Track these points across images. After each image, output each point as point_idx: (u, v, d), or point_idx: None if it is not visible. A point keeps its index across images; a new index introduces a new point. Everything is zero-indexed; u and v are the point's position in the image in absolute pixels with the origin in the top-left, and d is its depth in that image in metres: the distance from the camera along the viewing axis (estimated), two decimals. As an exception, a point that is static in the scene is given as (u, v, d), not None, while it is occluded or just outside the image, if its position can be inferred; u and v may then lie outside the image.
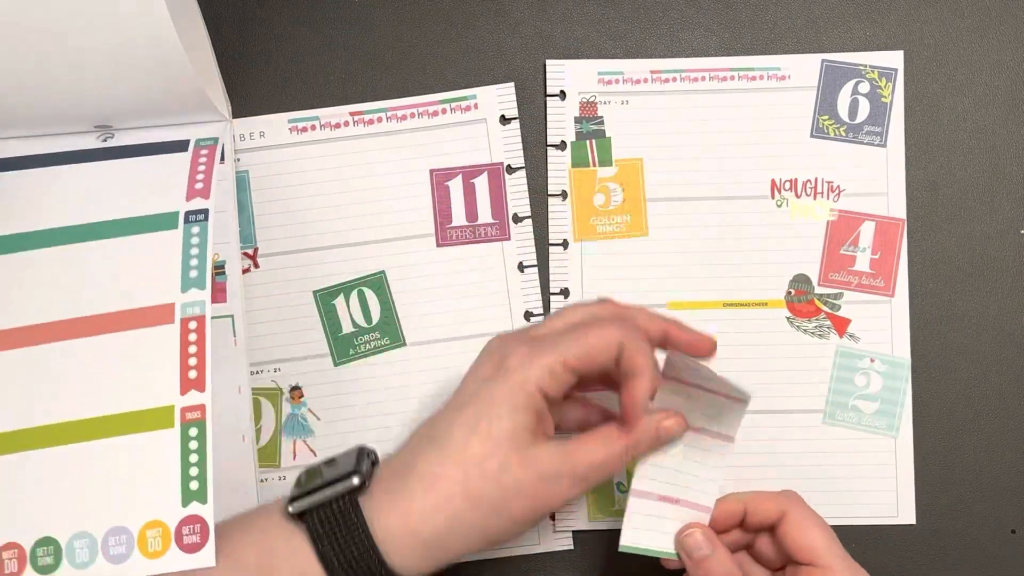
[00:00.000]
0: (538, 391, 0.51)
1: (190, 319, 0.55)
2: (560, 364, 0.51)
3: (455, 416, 0.52)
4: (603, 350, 0.51)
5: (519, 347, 0.52)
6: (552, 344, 0.52)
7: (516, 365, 0.51)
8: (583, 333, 0.52)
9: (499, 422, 0.50)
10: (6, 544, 0.53)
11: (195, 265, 0.56)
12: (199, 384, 0.54)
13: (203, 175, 0.59)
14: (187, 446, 0.54)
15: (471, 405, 0.51)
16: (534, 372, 0.51)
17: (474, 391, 0.52)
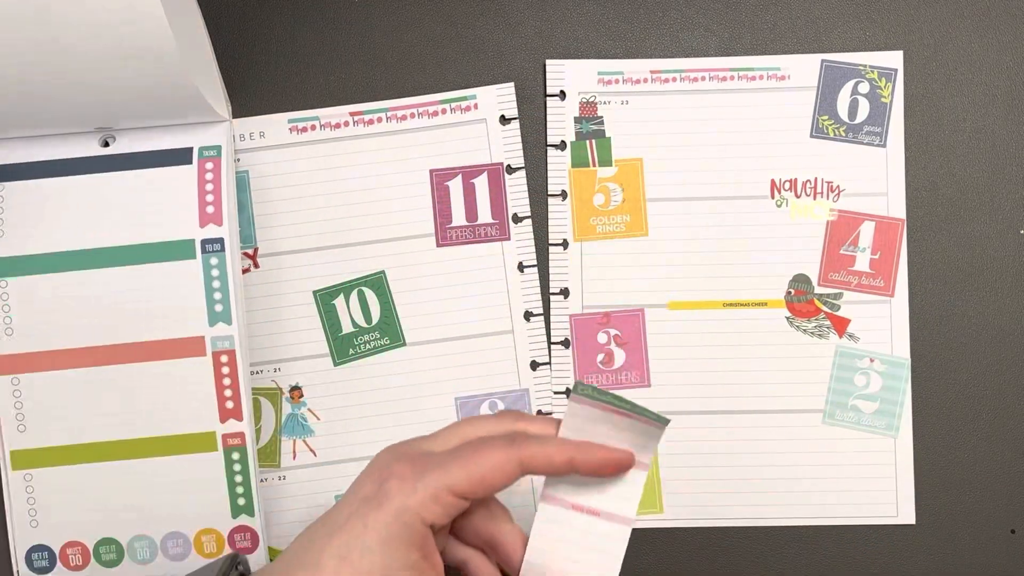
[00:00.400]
0: (419, 522, 0.46)
1: (221, 353, 0.60)
2: (446, 490, 0.46)
3: (325, 543, 0.47)
4: (497, 475, 0.47)
5: (402, 465, 0.47)
6: (439, 466, 0.47)
7: (395, 490, 0.46)
8: (474, 455, 0.47)
9: (371, 556, 0.46)
10: (69, 542, 0.61)
11: (219, 299, 0.60)
12: (237, 414, 0.60)
13: (212, 195, 0.60)
14: (231, 468, 0.60)
15: (344, 531, 0.47)
16: (415, 500, 0.46)
17: (350, 514, 0.47)
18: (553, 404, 0.63)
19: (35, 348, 0.60)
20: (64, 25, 0.53)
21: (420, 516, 0.46)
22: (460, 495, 0.47)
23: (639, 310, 0.63)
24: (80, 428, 0.60)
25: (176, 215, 0.60)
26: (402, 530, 0.46)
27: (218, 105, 0.61)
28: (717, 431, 0.63)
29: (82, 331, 0.60)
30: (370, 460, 0.50)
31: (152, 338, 0.60)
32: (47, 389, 0.60)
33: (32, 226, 0.61)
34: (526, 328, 0.63)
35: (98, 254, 0.60)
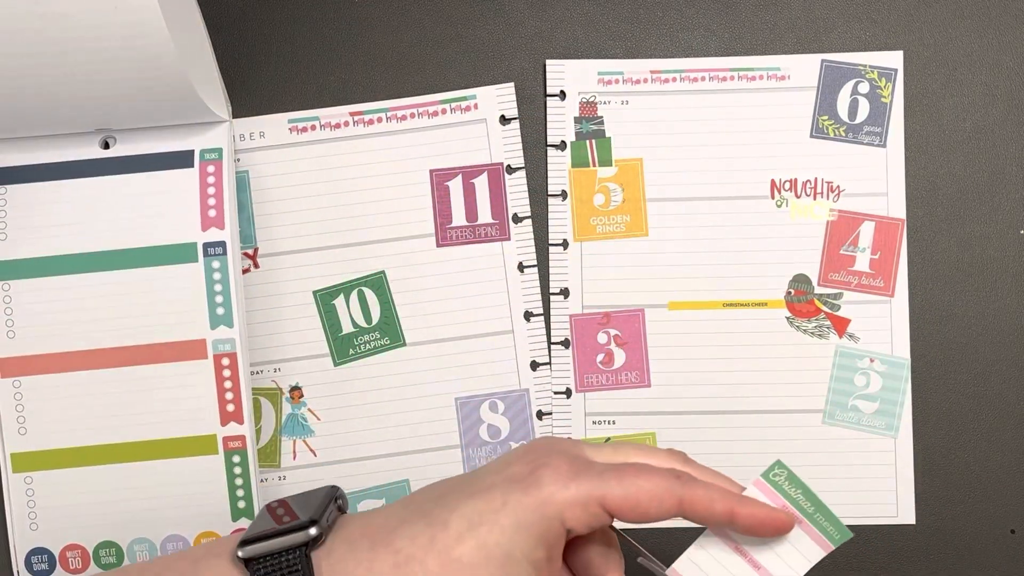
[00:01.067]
0: (559, 520, 0.44)
1: (223, 356, 0.60)
2: (597, 500, 0.44)
3: (458, 502, 0.45)
4: (652, 504, 0.45)
5: (561, 460, 0.45)
6: (598, 474, 0.45)
7: (548, 479, 0.44)
8: (636, 476, 0.45)
9: (500, 534, 0.44)
10: (69, 545, 0.61)
11: (220, 302, 0.60)
12: (237, 417, 0.60)
13: (214, 199, 0.61)
14: (232, 471, 0.60)
15: (482, 498, 0.45)
16: (563, 496, 0.44)
17: (492, 484, 0.45)
18: (553, 404, 0.63)
19: (37, 351, 0.60)
20: (61, 25, 0.53)
21: (562, 515, 0.44)
22: (609, 510, 0.45)
23: (639, 310, 0.64)
24: (81, 431, 0.60)
25: (178, 218, 0.60)
26: (539, 521, 0.44)
27: (217, 106, 0.61)
28: (717, 431, 0.63)
29: (84, 334, 0.60)
30: (526, 443, 0.48)
31: (153, 341, 0.60)
32: (48, 392, 0.60)
33: (34, 229, 0.61)
34: (526, 328, 0.63)
35: (100, 257, 0.61)
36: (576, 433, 0.63)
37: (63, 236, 0.61)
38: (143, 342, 0.60)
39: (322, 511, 0.47)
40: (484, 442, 0.63)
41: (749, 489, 0.47)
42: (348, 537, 0.46)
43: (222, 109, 0.62)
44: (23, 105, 0.57)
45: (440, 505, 0.45)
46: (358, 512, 0.48)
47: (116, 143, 0.61)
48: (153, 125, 0.61)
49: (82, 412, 0.60)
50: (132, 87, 0.57)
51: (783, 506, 0.47)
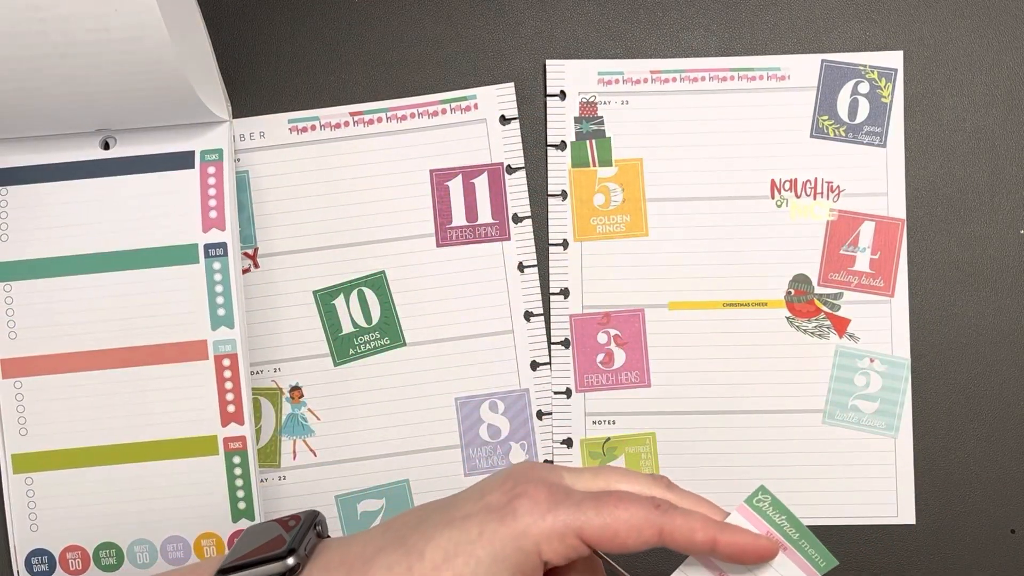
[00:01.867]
0: (536, 552, 0.43)
1: (223, 356, 0.60)
2: (574, 532, 0.44)
3: (434, 532, 0.44)
4: (631, 535, 0.44)
5: (539, 489, 0.44)
6: (575, 505, 0.44)
7: (525, 511, 0.43)
8: (615, 506, 0.44)
9: (476, 566, 0.43)
10: (69, 546, 0.61)
11: (221, 303, 0.60)
12: (238, 417, 0.60)
13: (215, 200, 0.61)
14: (232, 472, 0.60)
15: (458, 528, 0.44)
16: (539, 529, 0.43)
17: (469, 513, 0.44)
18: (553, 404, 0.63)
19: (38, 352, 0.60)
20: (61, 26, 0.53)
21: (539, 547, 0.43)
22: (586, 541, 0.44)
23: (639, 310, 0.64)
24: (81, 432, 0.60)
25: (179, 220, 0.60)
26: (515, 554, 0.43)
27: (217, 106, 0.61)
28: (717, 431, 0.63)
29: (85, 335, 0.60)
30: (505, 468, 0.47)
31: (154, 342, 0.60)
32: (49, 393, 0.60)
33: (35, 230, 0.61)
34: (526, 328, 0.63)
35: (101, 258, 0.61)
36: (576, 433, 0.63)
37: (64, 237, 0.61)
38: (144, 343, 0.60)
39: (300, 539, 0.46)
40: (484, 442, 0.63)
41: (732, 515, 0.46)
42: (326, 566, 0.46)
43: (222, 109, 0.62)
44: (23, 105, 0.57)
45: (417, 533, 0.45)
46: (338, 538, 0.48)
47: (116, 143, 0.61)
48: (153, 125, 0.61)
49: (83, 413, 0.60)
50: (132, 88, 0.57)
51: (767, 532, 0.46)
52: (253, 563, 0.45)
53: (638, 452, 0.63)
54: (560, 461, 0.63)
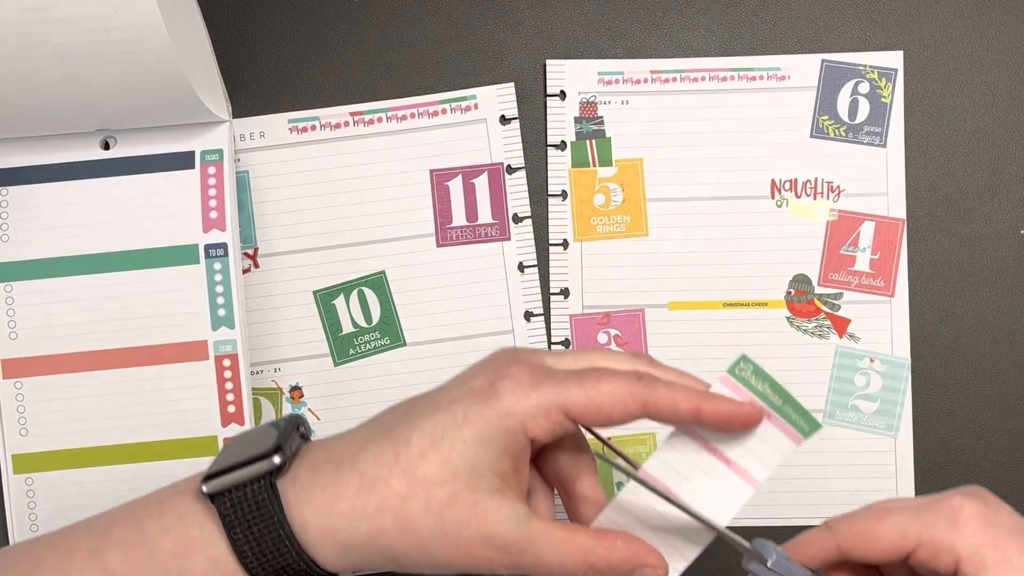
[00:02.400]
0: (522, 430, 0.43)
1: (224, 357, 0.60)
2: (558, 408, 0.43)
3: (420, 420, 0.44)
4: (616, 408, 0.44)
5: (521, 369, 0.44)
6: (558, 382, 0.44)
7: (508, 390, 0.43)
8: (597, 381, 0.44)
9: (463, 448, 0.43)
10: None
11: (222, 304, 0.60)
12: (238, 418, 0.60)
13: (216, 200, 0.61)
14: None
15: (443, 413, 0.44)
16: (523, 406, 0.43)
17: (454, 398, 0.45)
18: (553, 404, 0.63)
19: (38, 352, 0.60)
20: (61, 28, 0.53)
21: (525, 425, 0.43)
22: (572, 416, 0.44)
23: (639, 310, 0.64)
24: (82, 432, 0.61)
25: (179, 220, 0.60)
26: (502, 433, 0.43)
27: (217, 107, 0.61)
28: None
29: (85, 335, 0.60)
30: (487, 355, 0.47)
31: (155, 342, 0.60)
32: (50, 393, 0.60)
33: (36, 230, 0.61)
34: (526, 328, 0.63)
35: (102, 259, 0.61)
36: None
37: (64, 238, 0.61)
38: (144, 343, 0.60)
39: (285, 439, 0.46)
40: (484, 442, 0.63)
41: (715, 386, 0.46)
42: (313, 463, 0.45)
43: (222, 110, 0.62)
44: (24, 106, 0.57)
45: (403, 423, 0.45)
46: (323, 438, 0.47)
47: (116, 144, 0.61)
48: (153, 125, 0.61)
49: (83, 413, 0.60)
50: (132, 88, 0.57)
51: (750, 400, 0.46)
52: (239, 464, 0.45)
53: (638, 452, 0.63)
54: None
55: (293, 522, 0.44)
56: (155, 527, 0.45)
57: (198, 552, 0.44)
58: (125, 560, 0.45)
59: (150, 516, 0.46)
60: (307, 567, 0.44)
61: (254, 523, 0.44)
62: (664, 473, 0.47)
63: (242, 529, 0.44)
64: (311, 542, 0.44)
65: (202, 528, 0.45)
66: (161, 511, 0.46)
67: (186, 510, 0.45)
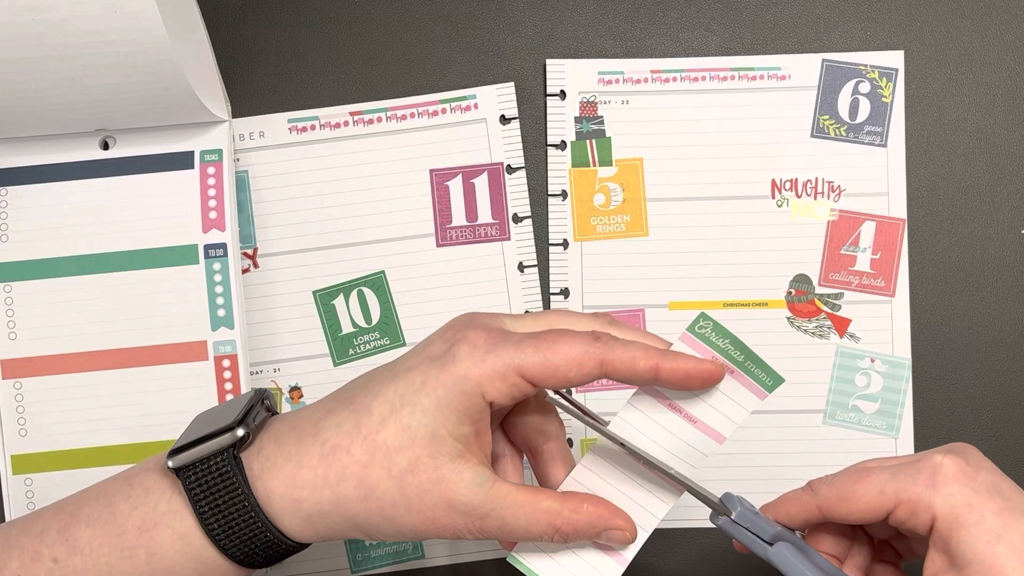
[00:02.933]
0: (479, 394, 0.44)
1: (223, 357, 0.60)
2: (515, 370, 0.44)
3: (381, 388, 0.45)
4: (573, 369, 0.44)
5: (478, 333, 0.45)
6: (515, 345, 0.44)
7: (464, 355, 0.44)
8: (553, 342, 0.44)
9: (422, 415, 0.44)
10: None
11: (221, 304, 0.60)
12: None
13: (215, 201, 0.61)
14: None
15: (402, 380, 0.45)
16: (480, 370, 0.44)
17: (412, 366, 0.45)
18: (553, 404, 0.63)
19: (38, 353, 0.60)
20: (61, 28, 0.53)
21: (482, 389, 0.44)
22: (529, 379, 0.44)
23: (639, 310, 0.63)
24: (81, 433, 0.61)
25: (179, 220, 0.60)
26: (459, 398, 0.44)
27: (217, 107, 0.61)
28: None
29: (85, 336, 0.60)
30: (448, 321, 0.47)
31: (155, 343, 0.60)
32: (49, 394, 0.60)
33: (35, 231, 0.61)
34: (526, 328, 0.63)
35: (101, 259, 0.61)
36: (577, 433, 0.63)
37: (64, 238, 0.61)
38: (144, 344, 0.60)
39: (248, 412, 0.47)
40: (484, 442, 0.63)
41: (675, 344, 0.46)
42: (276, 434, 0.46)
43: (221, 109, 0.62)
44: (23, 106, 0.57)
45: (364, 392, 0.45)
46: (287, 412, 0.48)
47: (116, 144, 0.61)
48: (153, 126, 0.61)
49: (83, 414, 0.60)
50: (131, 88, 0.57)
51: (711, 357, 0.46)
52: (203, 438, 0.45)
53: (638, 452, 0.63)
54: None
55: (258, 493, 0.45)
56: (123, 504, 0.46)
57: (166, 527, 0.45)
58: (94, 536, 0.46)
59: (118, 493, 0.47)
60: (273, 537, 0.45)
61: (219, 496, 0.45)
62: (628, 433, 0.47)
63: (208, 502, 0.45)
64: (276, 512, 0.45)
65: (169, 503, 0.45)
66: (129, 487, 0.47)
67: (152, 485, 0.46)
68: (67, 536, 0.46)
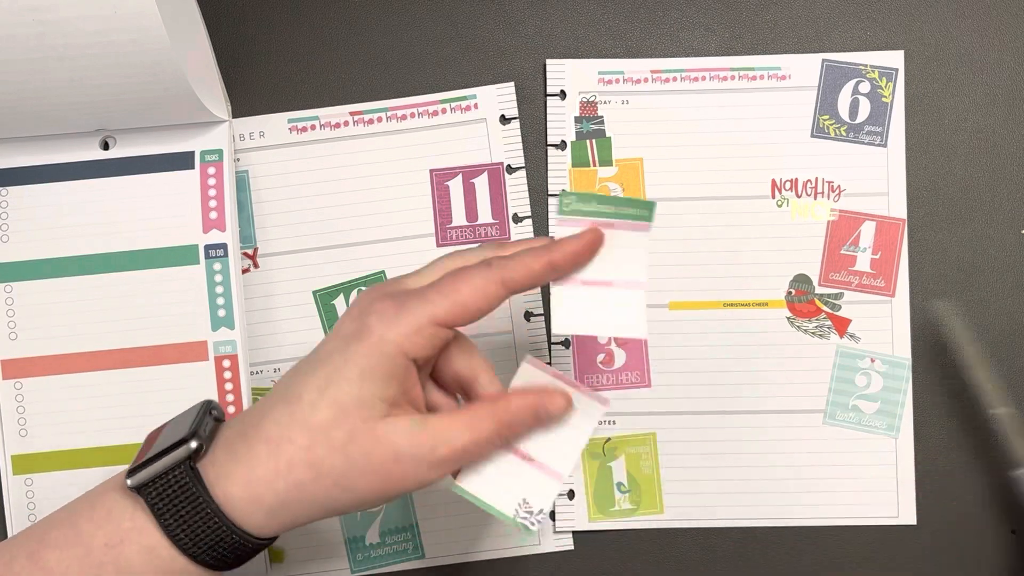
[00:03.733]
0: (400, 354, 0.46)
1: (223, 357, 0.60)
2: (428, 321, 0.46)
3: (307, 377, 0.47)
4: (480, 299, 0.47)
5: (383, 302, 0.47)
6: (420, 298, 0.47)
7: (375, 323, 0.46)
8: (454, 283, 0.47)
9: (348, 387, 0.46)
10: None
11: (222, 304, 0.61)
12: None
13: (215, 201, 0.61)
14: None
15: (325, 364, 0.47)
16: (395, 332, 0.46)
17: (331, 350, 0.47)
18: (553, 404, 0.63)
19: (38, 353, 0.60)
20: (61, 29, 0.53)
21: (401, 348, 0.46)
22: (443, 324, 0.47)
23: (639, 310, 0.63)
24: (81, 433, 0.61)
25: (179, 221, 0.60)
26: (381, 360, 0.46)
27: (217, 107, 0.61)
28: (717, 431, 0.63)
29: (85, 336, 0.60)
30: (352, 302, 0.50)
31: (155, 343, 0.60)
32: (50, 394, 0.60)
33: (35, 231, 0.61)
34: (526, 328, 0.63)
35: (102, 259, 0.61)
36: (576, 433, 0.63)
37: (64, 238, 0.61)
38: (144, 344, 0.60)
39: (199, 424, 0.48)
40: (484, 442, 0.63)
41: (554, 231, 0.49)
42: (226, 440, 0.48)
43: (222, 110, 0.62)
44: (23, 106, 0.57)
45: (294, 383, 0.48)
46: (232, 417, 0.50)
47: (116, 144, 0.61)
48: (153, 126, 0.61)
49: (83, 414, 0.60)
50: (131, 89, 0.57)
51: (589, 226, 0.49)
52: (159, 455, 0.47)
53: (638, 452, 0.63)
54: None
55: (218, 499, 0.46)
56: (88, 524, 0.47)
57: (133, 542, 0.47)
58: (62, 559, 0.47)
59: (82, 516, 0.48)
60: (240, 538, 0.47)
61: (182, 507, 0.46)
62: (567, 319, 0.50)
63: (172, 515, 0.46)
64: (239, 513, 0.47)
65: (133, 519, 0.47)
66: (92, 508, 0.48)
67: (114, 505, 0.48)
68: (35, 560, 0.47)
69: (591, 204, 0.49)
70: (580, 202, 0.49)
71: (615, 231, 0.49)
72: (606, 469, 0.63)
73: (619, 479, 0.63)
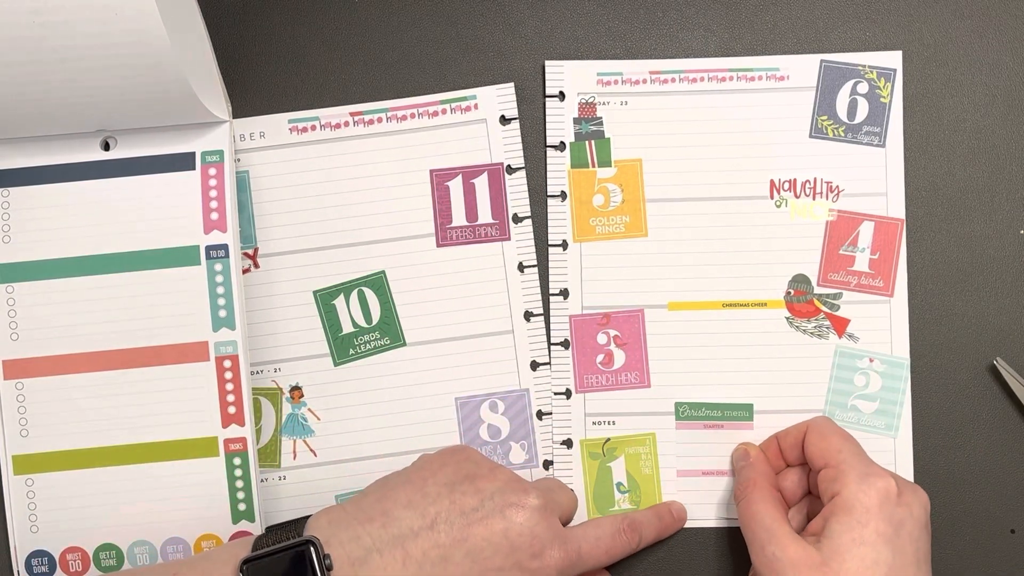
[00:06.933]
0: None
1: (224, 358, 0.60)
2: None
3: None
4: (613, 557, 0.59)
5: (553, 547, 0.55)
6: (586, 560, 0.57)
7: (552, 564, 0.55)
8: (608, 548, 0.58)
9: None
10: (69, 547, 0.61)
11: (223, 305, 0.61)
12: (239, 419, 0.60)
13: (216, 202, 0.61)
14: (232, 473, 0.60)
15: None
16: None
17: (501, 567, 0.54)
18: (553, 404, 0.63)
19: (39, 353, 0.61)
20: (61, 30, 0.53)
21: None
22: None
23: (639, 310, 0.64)
24: (82, 433, 0.61)
25: (180, 221, 0.61)
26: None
27: (217, 107, 0.61)
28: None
29: (86, 337, 0.61)
30: (527, 526, 0.55)
31: (156, 343, 0.60)
32: (50, 394, 0.60)
33: (36, 231, 0.61)
34: (526, 328, 0.63)
35: (103, 260, 0.61)
36: (576, 433, 0.63)
37: (65, 239, 0.61)
38: (145, 344, 0.60)
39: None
40: (484, 442, 0.63)
41: None
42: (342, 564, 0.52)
43: (222, 110, 0.62)
44: (24, 107, 0.57)
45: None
46: None
47: (117, 145, 0.61)
48: (153, 126, 0.61)
49: (84, 414, 0.61)
50: (132, 89, 0.57)
51: None
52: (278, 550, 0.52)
53: (638, 452, 0.63)
54: (560, 461, 0.63)
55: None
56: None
57: None
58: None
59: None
60: None
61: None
62: None
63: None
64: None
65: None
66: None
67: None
68: None
69: None
70: None
71: None
72: (606, 469, 0.63)
73: (619, 479, 0.63)
